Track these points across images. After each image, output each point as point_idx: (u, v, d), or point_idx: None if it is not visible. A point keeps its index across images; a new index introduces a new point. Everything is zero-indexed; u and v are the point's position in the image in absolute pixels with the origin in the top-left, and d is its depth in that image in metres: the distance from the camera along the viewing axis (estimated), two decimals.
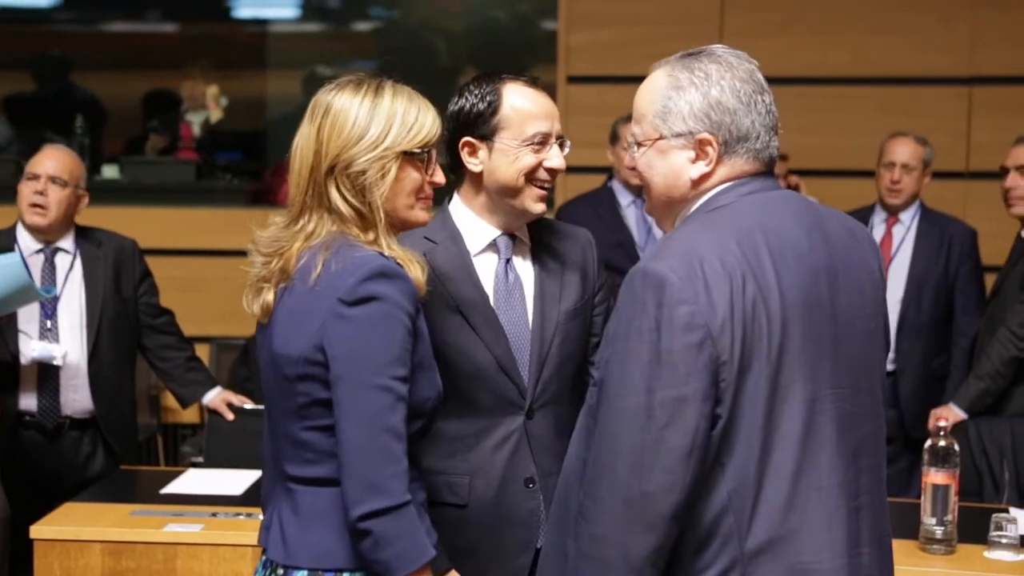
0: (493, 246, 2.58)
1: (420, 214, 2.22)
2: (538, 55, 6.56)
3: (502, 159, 2.51)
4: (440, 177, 2.25)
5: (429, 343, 2.14)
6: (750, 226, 1.96)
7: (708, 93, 2.00)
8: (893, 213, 4.85)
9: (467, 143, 2.53)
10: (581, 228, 2.71)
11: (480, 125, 2.52)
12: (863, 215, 4.80)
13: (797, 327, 1.92)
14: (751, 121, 2.01)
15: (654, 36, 5.86)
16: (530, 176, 2.52)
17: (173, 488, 3.69)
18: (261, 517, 2.29)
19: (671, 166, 2.04)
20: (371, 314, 2.03)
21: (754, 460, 1.90)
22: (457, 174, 2.59)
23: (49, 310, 4.05)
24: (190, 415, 5.29)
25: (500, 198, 2.54)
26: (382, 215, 2.14)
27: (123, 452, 4.13)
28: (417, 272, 2.13)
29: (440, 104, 2.38)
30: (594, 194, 5.17)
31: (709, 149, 2.01)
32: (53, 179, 4.03)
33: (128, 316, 4.16)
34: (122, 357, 4.18)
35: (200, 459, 4.39)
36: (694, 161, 2.02)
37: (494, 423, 2.52)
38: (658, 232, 4.83)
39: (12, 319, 3.98)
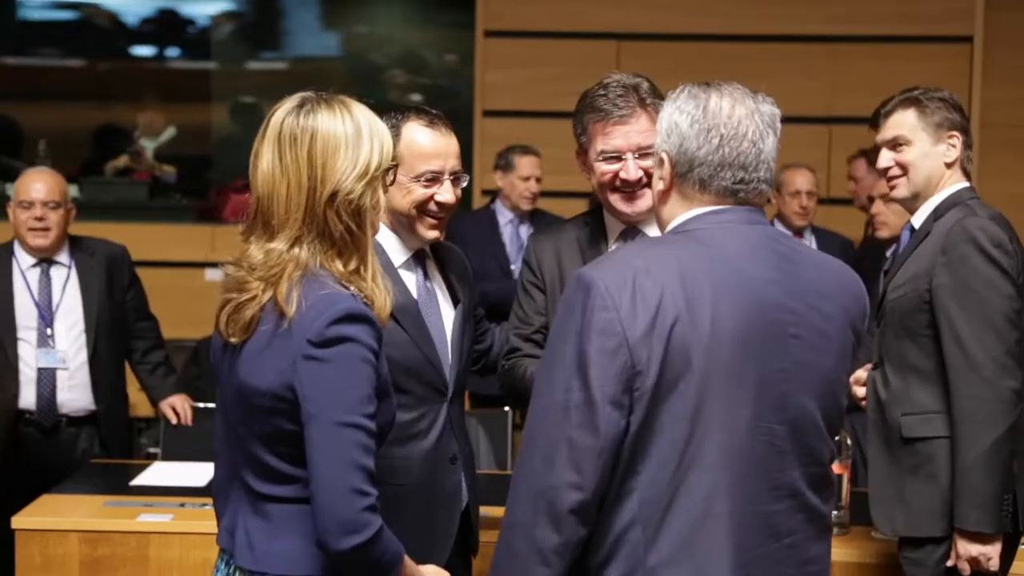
0: (411, 261, 2.58)
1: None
2: (459, 91, 6.47)
3: (396, 191, 2.44)
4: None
5: (387, 373, 1.99)
6: (701, 253, 1.82)
7: (671, 116, 1.89)
8: (798, 233, 4.97)
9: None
10: (454, 246, 2.78)
11: None
12: None
13: (728, 353, 1.77)
14: (697, 147, 1.86)
15: (560, 76, 5.84)
16: (421, 208, 2.51)
17: (142, 480, 3.55)
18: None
19: (655, 179, 1.96)
20: (340, 355, 1.85)
21: (668, 474, 1.75)
22: None
23: (48, 319, 3.89)
24: (146, 408, 5.11)
25: (399, 224, 2.54)
26: (370, 238, 1.98)
27: (117, 447, 4.00)
28: (383, 302, 1.97)
29: None
30: (479, 212, 5.41)
31: (665, 167, 1.91)
32: (47, 203, 3.87)
33: (121, 319, 4.04)
34: (119, 356, 4.06)
35: (156, 450, 4.26)
36: (659, 178, 1.93)
37: (424, 410, 2.52)
38: None
39: (10, 328, 3.83)
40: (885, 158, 2.82)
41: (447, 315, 2.60)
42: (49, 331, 3.87)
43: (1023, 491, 2.66)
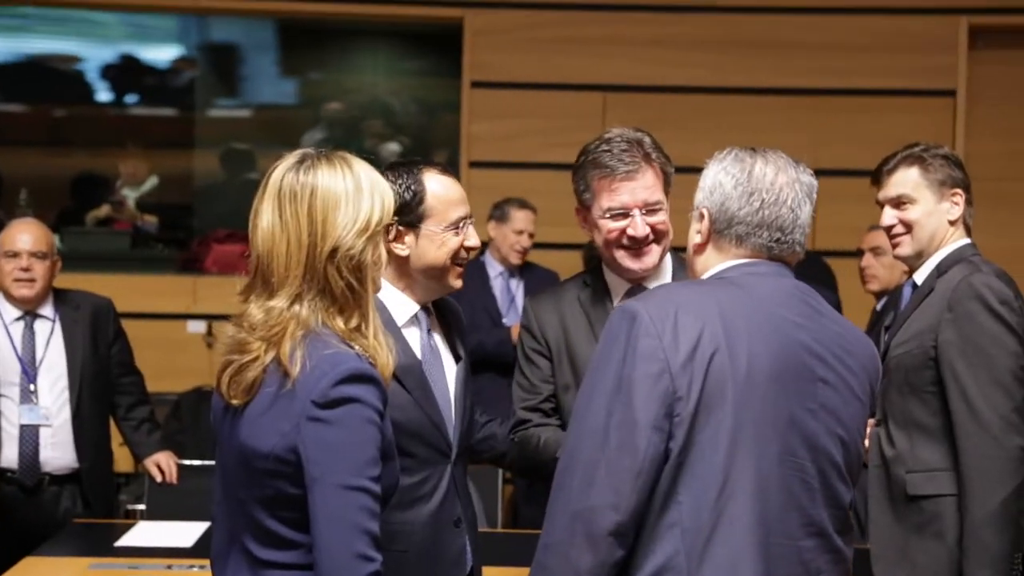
0: (415, 318, 2.51)
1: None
2: (443, 141, 6.47)
3: (429, 244, 2.43)
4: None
5: (391, 434, 1.95)
6: (739, 293, 1.92)
7: (716, 175, 2.00)
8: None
9: (397, 230, 2.42)
10: (451, 299, 2.68)
11: (407, 213, 2.42)
12: None
13: (763, 387, 1.85)
14: (739, 208, 1.96)
15: (546, 128, 5.85)
16: (454, 257, 2.47)
17: (127, 541, 3.47)
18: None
19: (690, 231, 2.07)
20: (345, 417, 1.82)
21: (710, 502, 1.81)
22: None
23: (31, 375, 3.82)
24: (126, 464, 5.03)
25: (425, 279, 2.48)
26: (371, 294, 1.95)
27: (101, 505, 3.90)
28: (386, 359, 1.93)
29: None
30: (469, 264, 5.18)
31: (703, 223, 2.01)
32: (34, 254, 3.82)
33: (106, 373, 3.96)
34: (103, 412, 3.98)
35: (137, 507, 4.19)
36: (697, 232, 2.03)
37: (428, 473, 2.46)
38: (520, 302, 5.03)
39: None
40: (889, 216, 2.84)
41: (450, 372, 2.54)
42: (32, 387, 3.81)
43: None
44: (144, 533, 3.55)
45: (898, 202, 2.82)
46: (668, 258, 2.60)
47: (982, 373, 2.61)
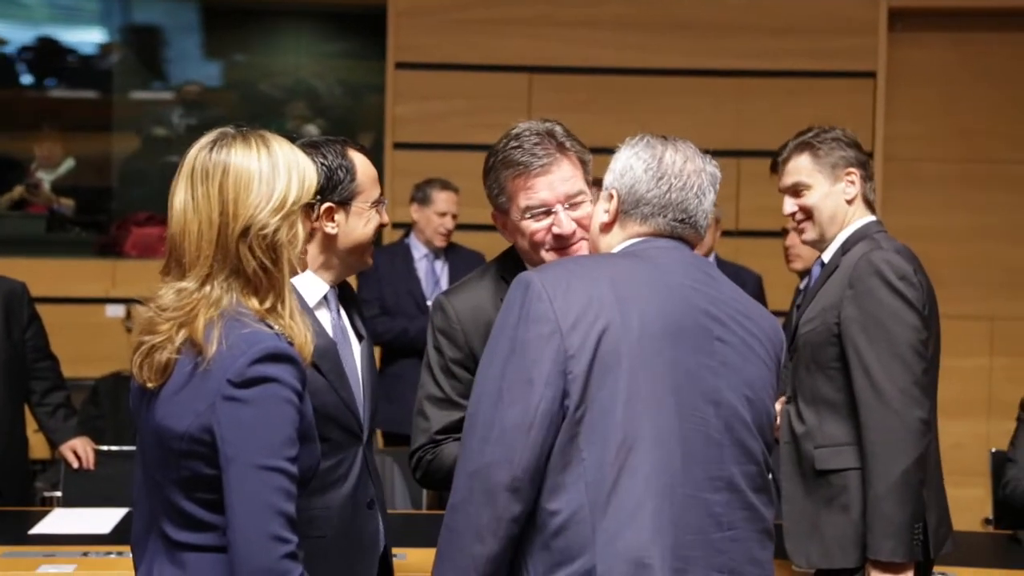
0: (325, 299, 2.48)
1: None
2: (366, 123, 6.40)
3: (358, 221, 2.43)
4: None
5: (312, 415, 1.94)
6: (638, 263, 2.00)
7: (628, 159, 2.08)
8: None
9: (327, 209, 2.41)
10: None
11: (339, 191, 2.41)
12: None
13: (658, 344, 1.91)
14: (647, 190, 2.05)
15: (472, 108, 5.81)
16: (375, 234, 2.49)
17: (42, 528, 3.42)
18: (131, 556, 2.06)
19: (595, 211, 2.15)
20: (261, 396, 1.79)
21: (611, 454, 1.86)
22: None
23: None
24: (41, 451, 4.92)
25: (347, 256, 2.46)
26: (287, 275, 1.92)
27: (15, 492, 3.82)
28: (303, 339, 1.92)
29: None
30: (393, 246, 5.32)
31: (613, 202, 2.09)
32: None
33: (20, 359, 3.86)
34: (17, 398, 3.88)
35: (53, 494, 4.13)
36: (604, 211, 2.10)
37: (343, 456, 2.43)
38: (444, 283, 5.05)
39: None
40: (788, 205, 2.91)
41: (356, 353, 2.52)
42: None
43: (933, 519, 2.71)
44: (60, 520, 3.50)
45: (795, 190, 2.89)
46: None
47: (883, 348, 2.66)
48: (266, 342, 1.81)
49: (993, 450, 4.24)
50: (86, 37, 7.10)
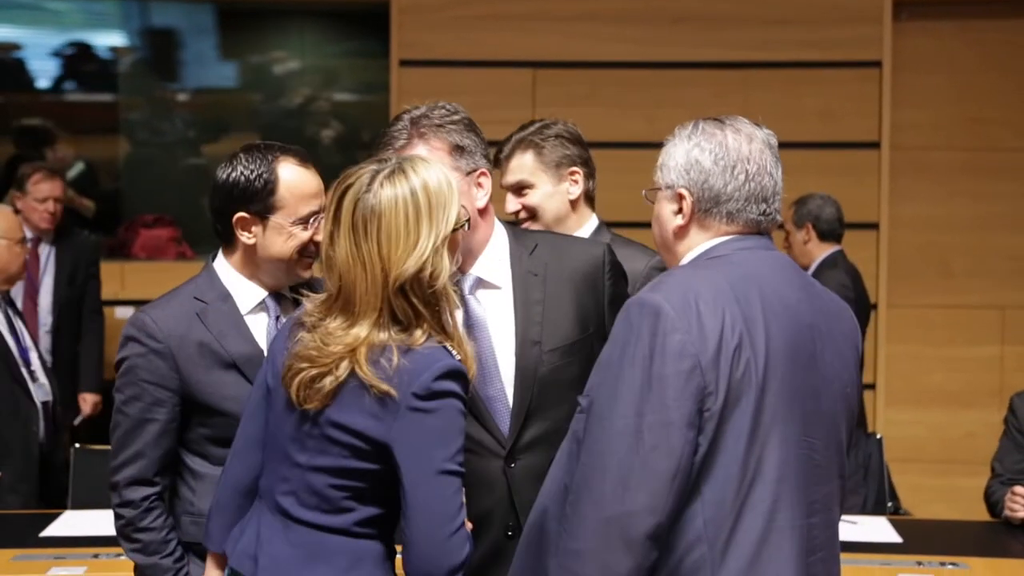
0: (263, 305, 2.41)
1: None
2: (373, 123, 6.36)
3: (276, 236, 2.32)
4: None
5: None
6: (743, 274, 1.87)
7: (689, 152, 1.93)
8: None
9: (240, 218, 2.33)
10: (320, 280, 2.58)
11: (256, 202, 2.31)
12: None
13: (780, 371, 1.82)
14: (724, 184, 1.91)
15: (477, 104, 5.72)
16: (302, 251, 2.36)
17: (52, 531, 3.41)
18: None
19: (660, 214, 1.99)
20: (442, 407, 1.95)
21: (732, 491, 1.78)
22: (225, 239, 2.39)
23: None
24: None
25: (271, 268, 2.38)
26: (447, 296, 2.00)
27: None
28: (468, 357, 2.03)
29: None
30: None
31: (684, 203, 1.94)
32: None
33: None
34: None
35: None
36: (675, 213, 1.96)
37: None
38: None
39: None
40: (512, 203, 2.87)
41: None
42: None
43: None
44: (70, 522, 3.49)
45: (518, 188, 2.87)
46: None
47: None
48: (446, 359, 1.97)
49: None
50: (107, 41, 7.09)
